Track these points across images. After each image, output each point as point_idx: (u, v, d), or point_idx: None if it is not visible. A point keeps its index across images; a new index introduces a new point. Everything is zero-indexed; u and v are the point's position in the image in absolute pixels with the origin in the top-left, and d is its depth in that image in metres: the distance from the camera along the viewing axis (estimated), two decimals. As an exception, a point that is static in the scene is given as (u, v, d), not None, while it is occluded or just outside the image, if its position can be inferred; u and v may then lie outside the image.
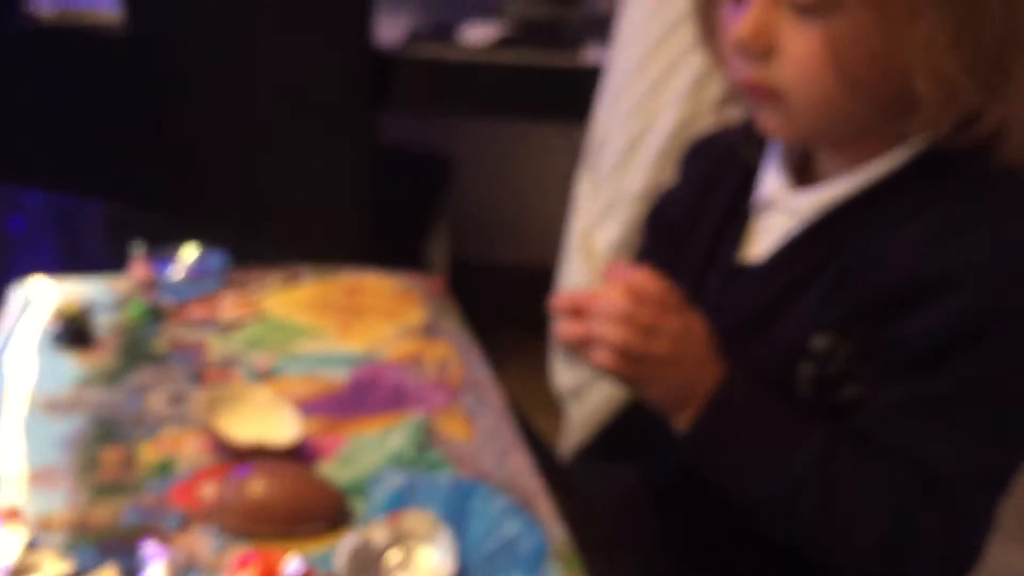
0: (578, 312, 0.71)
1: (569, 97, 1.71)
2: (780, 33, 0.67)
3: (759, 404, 0.71)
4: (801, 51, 0.67)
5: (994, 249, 0.66)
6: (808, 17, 0.66)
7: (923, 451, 0.67)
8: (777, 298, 0.74)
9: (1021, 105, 0.66)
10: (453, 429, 0.79)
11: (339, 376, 0.86)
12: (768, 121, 0.73)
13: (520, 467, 0.76)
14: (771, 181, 0.78)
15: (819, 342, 0.70)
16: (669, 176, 0.93)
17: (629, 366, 0.70)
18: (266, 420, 0.77)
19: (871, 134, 0.71)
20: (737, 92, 0.75)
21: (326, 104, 1.78)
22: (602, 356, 0.70)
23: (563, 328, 0.72)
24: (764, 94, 0.70)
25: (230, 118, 1.81)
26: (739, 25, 0.68)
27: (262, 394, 0.79)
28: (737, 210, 0.80)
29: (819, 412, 0.71)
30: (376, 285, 1.00)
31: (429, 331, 0.93)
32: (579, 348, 0.71)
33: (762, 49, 0.68)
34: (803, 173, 0.77)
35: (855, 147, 0.72)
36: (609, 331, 0.69)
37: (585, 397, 1.25)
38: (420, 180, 2.07)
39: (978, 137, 0.67)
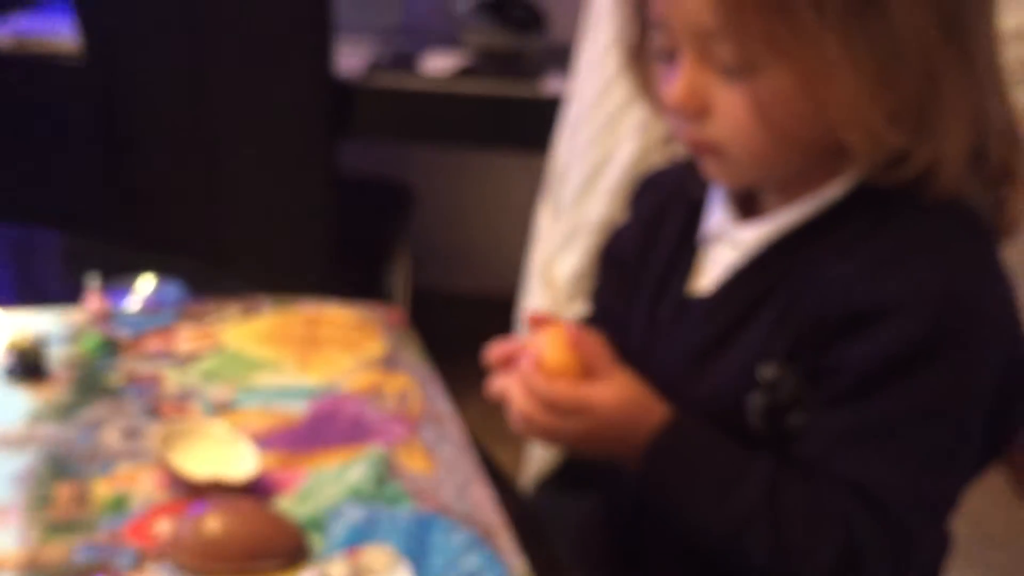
0: (510, 363, 0.75)
1: (529, 127, 1.72)
2: (711, 94, 0.69)
3: (703, 443, 0.72)
4: (731, 111, 0.69)
5: (932, 275, 0.67)
6: (733, 79, 0.68)
7: (867, 478, 0.68)
8: (725, 329, 0.75)
9: (948, 144, 0.68)
10: (413, 462, 0.79)
11: (297, 409, 0.85)
12: (711, 170, 0.75)
13: (481, 500, 0.75)
14: (716, 215, 0.79)
15: (767, 371, 0.71)
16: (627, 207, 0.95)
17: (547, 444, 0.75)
18: (223, 454, 0.76)
19: (809, 174, 0.73)
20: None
21: (287, 134, 1.78)
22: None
23: (492, 382, 0.75)
24: (703, 150, 0.73)
25: (190, 147, 1.80)
26: (672, 89, 0.70)
27: (219, 428, 0.78)
28: (685, 243, 0.82)
29: (768, 443, 0.72)
30: (335, 316, 1.00)
31: (389, 363, 0.93)
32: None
33: (695, 111, 0.70)
34: (747, 206, 0.79)
35: (795, 184, 0.74)
36: (513, 423, 0.74)
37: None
38: (381, 209, 2.06)
39: (909, 175, 0.69)
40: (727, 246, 0.78)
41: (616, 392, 0.72)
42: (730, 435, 0.72)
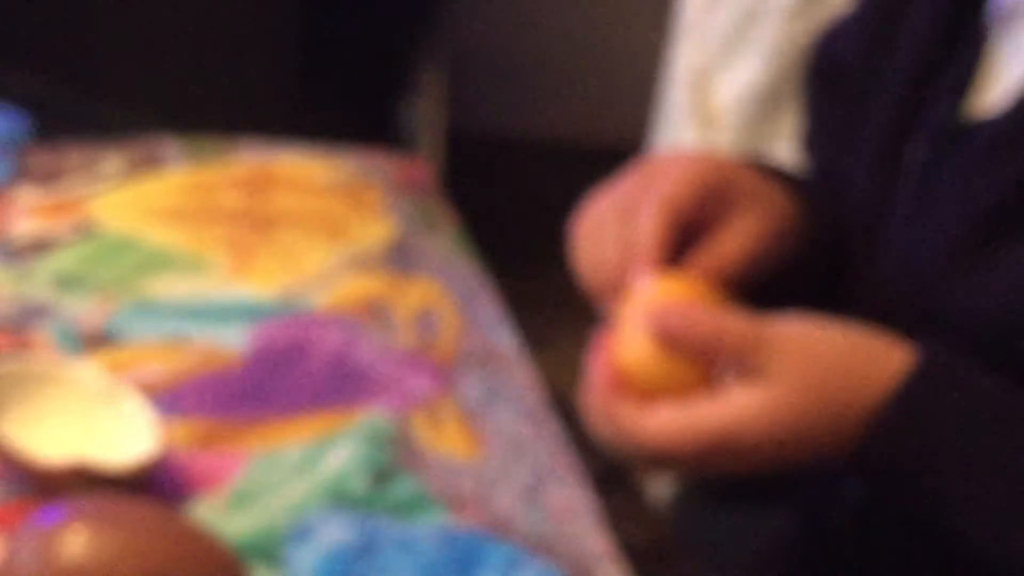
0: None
1: None
2: None
3: (991, 403, 0.74)
4: None
5: None
6: None
7: None
8: None
9: None
10: (443, 440, 0.81)
11: (231, 342, 0.86)
12: None
13: (570, 511, 0.77)
14: None
15: None
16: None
17: None
18: (95, 424, 0.77)
19: None
20: None
21: None
22: None
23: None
24: None
25: None
26: None
27: (88, 376, 0.79)
28: (955, 29, 0.83)
29: None
30: (301, 173, 1.01)
31: (400, 258, 0.95)
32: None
33: None
34: None
35: None
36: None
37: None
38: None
39: None
40: None
41: (778, 395, 0.73)
42: None
